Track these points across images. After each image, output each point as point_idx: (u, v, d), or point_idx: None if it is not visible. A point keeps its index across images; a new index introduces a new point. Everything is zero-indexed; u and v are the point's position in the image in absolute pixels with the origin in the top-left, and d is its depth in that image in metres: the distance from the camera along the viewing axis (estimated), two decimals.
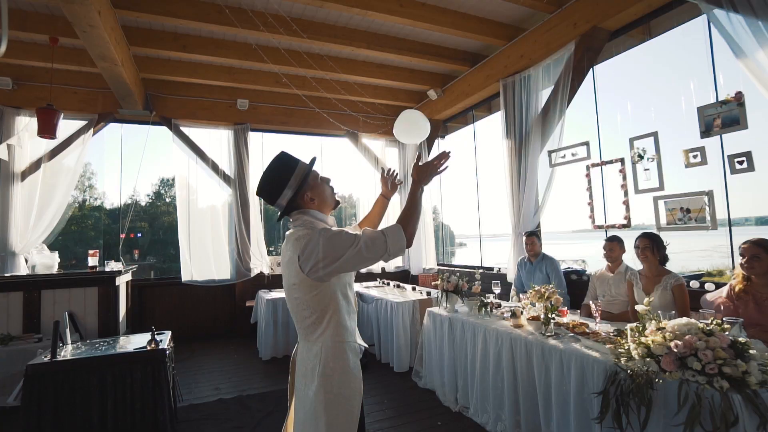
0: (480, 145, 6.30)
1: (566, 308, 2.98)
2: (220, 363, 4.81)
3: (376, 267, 6.90)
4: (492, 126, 5.96)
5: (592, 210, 3.93)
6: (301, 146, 7.20)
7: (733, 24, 2.80)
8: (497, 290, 3.56)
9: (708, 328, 1.75)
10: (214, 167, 6.25)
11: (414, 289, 4.89)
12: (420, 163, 1.65)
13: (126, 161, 6.24)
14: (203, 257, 6.18)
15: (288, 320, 5.03)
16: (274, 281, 6.37)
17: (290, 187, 1.57)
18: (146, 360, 2.69)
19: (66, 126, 5.39)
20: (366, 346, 1.71)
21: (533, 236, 4.06)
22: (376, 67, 5.75)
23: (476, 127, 6.57)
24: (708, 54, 3.22)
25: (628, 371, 1.91)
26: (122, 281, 4.69)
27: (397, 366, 4.15)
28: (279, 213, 1.64)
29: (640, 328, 1.99)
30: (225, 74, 5.73)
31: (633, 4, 3.49)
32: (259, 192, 1.62)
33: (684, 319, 1.85)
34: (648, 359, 1.82)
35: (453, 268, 6.33)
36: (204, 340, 5.89)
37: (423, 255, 6.62)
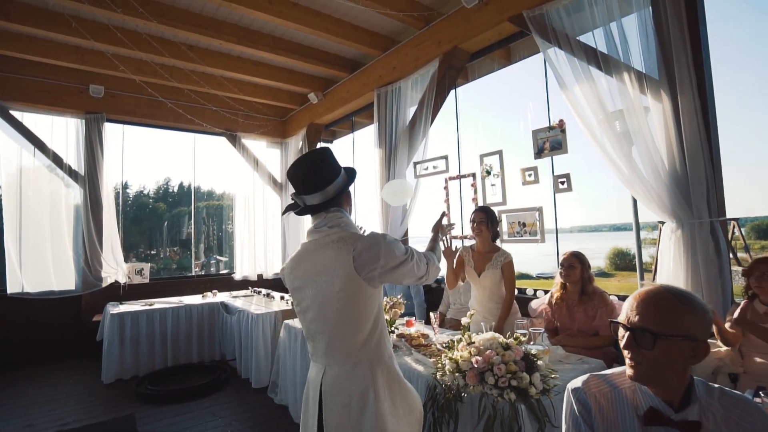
0: (365, 154, 6.35)
1: (413, 318, 3.05)
2: (48, 391, 4.11)
3: (252, 273, 6.56)
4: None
5: (449, 221, 4.14)
6: (170, 141, 6.62)
7: (558, 59, 3.13)
8: None
9: (506, 341, 1.87)
10: (57, 161, 5.39)
11: (282, 298, 4.70)
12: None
13: None
14: (39, 265, 5.28)
15: (138, 336, 4.50)
16: (132, 292, 5.68)
17: (343, 179, 1.51)
18: None
19: None
20: None
21: None
22: (253, 65, 5.45)
23: (361, 134, 6.63)
24: (544, 83, 3.57)
25: (443, 385, 1.97)
26: None
27: (255, 382, 3.92)
28: (307, 205, 1.48)
29: (456, 343, 2.07)
30: (71, 54, 4.96)
31: (487, 30, 3.74)
32: (308, 172, 1.45)
33: (489, 334, 1.96)
34: (457, 374, 1.90)
35: None
36: (38, 365, 5.01)
37: None
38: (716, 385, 1.09)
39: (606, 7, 2.84)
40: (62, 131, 5.49)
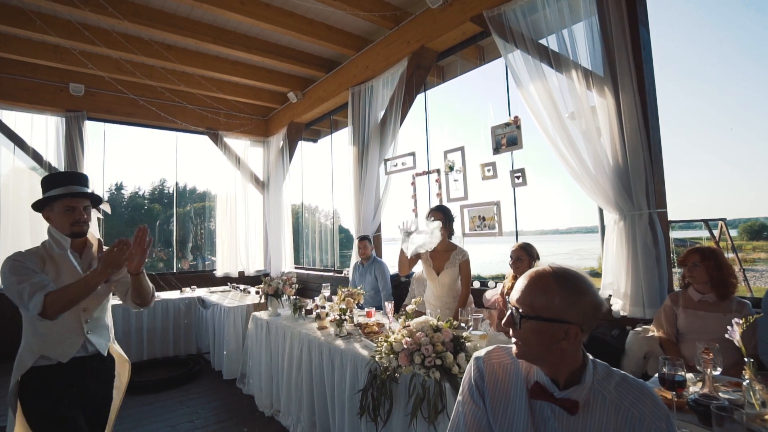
0: (344, 152, 6.43)
1: (373, 309, 3.14)
2: None
3: (233, 270, 6.62)
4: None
5: (416, 216, 4.24)
6: (153, 140, 6.72)
7: (515, 58, 3.23)
8: (326, 293, 3.63)
9: (437, 324, 1.97)
10: (37, 158, 5.45)
11: (258, 293, 4.78)
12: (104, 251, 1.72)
13: None
14: None
15: (114, 330, 4.56)
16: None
17: (44, 192, 1.78)
18: None
19: None
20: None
21: (365, 240, 4.24)
22: (231, 64, 5.53)
23: (341, 133, 6.70)
24: (505, 82, 3.67)
25: (381, 367, 2.06)
26: None
27: (226, 373, 4.00)
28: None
29: (393, 328, 2.16)
30: (50, 53, 5.02)
31: (451, 29, 3.84)
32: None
33: (423, 318, 2.05)
34: (391, 355, 1.99)
35: (308, 271, 6.35)
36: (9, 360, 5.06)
37: (283, 257, 6.53)
38: (620, 372, 1.06)
39: (558, 10, 2.95)
40: (42, 129, 5.55)
